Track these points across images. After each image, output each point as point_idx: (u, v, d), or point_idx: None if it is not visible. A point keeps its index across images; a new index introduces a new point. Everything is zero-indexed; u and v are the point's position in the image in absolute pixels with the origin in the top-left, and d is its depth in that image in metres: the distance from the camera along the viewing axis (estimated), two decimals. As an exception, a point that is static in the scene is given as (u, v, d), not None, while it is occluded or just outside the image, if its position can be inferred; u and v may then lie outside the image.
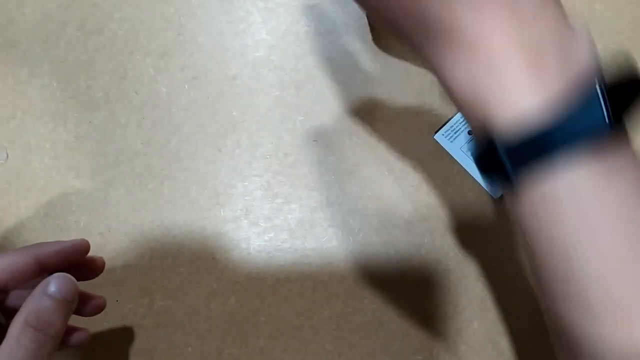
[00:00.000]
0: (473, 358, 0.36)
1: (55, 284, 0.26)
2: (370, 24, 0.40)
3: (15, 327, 0.25)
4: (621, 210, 0.20)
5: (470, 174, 0.39)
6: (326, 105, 0.40)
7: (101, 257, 0.32)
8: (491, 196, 0.38)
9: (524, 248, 0.22)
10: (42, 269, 0.28)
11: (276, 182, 0.38)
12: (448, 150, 0.39)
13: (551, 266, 0.21)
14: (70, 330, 0.30)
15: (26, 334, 0.24)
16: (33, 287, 0.27)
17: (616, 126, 0.19)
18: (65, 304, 0.26)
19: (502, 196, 0.38)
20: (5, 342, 0.24)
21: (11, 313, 0.27)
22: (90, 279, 0.31)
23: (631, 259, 0.20)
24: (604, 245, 0.20)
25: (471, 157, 0.38)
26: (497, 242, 0.38)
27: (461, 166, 0.39)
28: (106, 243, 0.37)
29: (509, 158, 0.20)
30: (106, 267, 0.32)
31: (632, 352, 0.19)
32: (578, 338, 0.21)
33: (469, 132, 0.39)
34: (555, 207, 0.20)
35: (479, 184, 0.38)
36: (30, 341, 0.24)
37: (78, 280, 0.28)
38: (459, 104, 0.21)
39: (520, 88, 0.20)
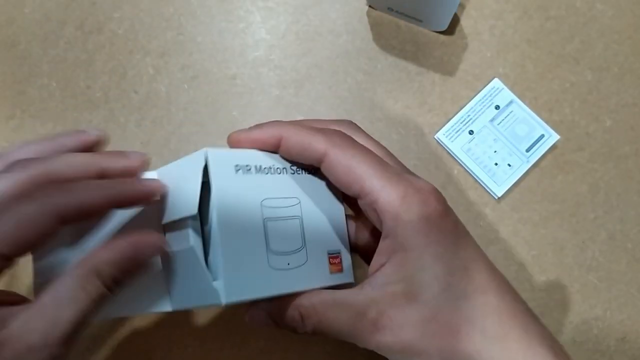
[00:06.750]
0: (473, 358, 0.36)
1: (145, 251, 0.23)
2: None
3: (82, 270, 0.21)
4: None
5: (470, 174, 0.39)
6: (326, 105, 0.40)
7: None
8: (491, 196, 0.38)
9: None
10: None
11: (276, 182, 0.38)
12: (448, 150, 0.39)
13: None
14: None
15: (93, 284, 0.21)
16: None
17: None
18: (145, 268, 0.23)
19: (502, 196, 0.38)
20: (66, 283, 0.21)
21: None
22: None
23: None
24: None
25: (472, 157, 0.38)
26: (498, 242, 0.38)
27: (462, 166, 0.39)
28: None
29: None
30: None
31: None
32: None
33: (470, 132, 0.39)
34: None
35: (480, 183, 0.38)
36: (97, 293, 0.21)
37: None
38: None
39: None
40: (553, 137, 0.39)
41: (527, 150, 0.39)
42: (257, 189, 0.24)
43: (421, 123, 0.39)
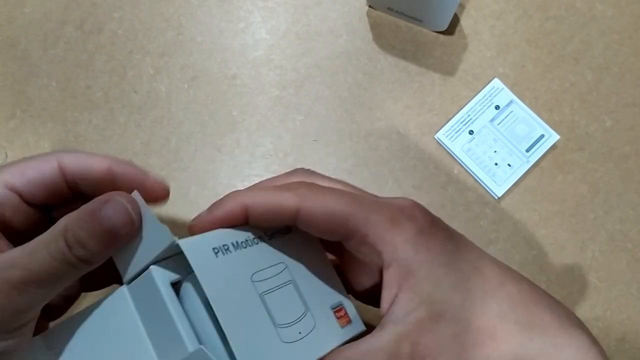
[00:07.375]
0: (473, 358, 0.36)
1: (108, 207, 0.21)
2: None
3: (56, 228, 0.21)
4: None
5: (470, 174, 0.39)
6: (326, 105, 0.40)
7: (163, 184, 0.25)
8: (492, 196, 0.38)
9: None
10: (70, 186, 0.24)
11: (276, 182, 0.38)
12: (448, 150, 0.39)
13: None
14: None
15: (57, 243, 0.20)
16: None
17: None
18: (109, 234, 0.21)
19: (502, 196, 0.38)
20: (39, 238, 0.21)
21: None
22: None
23: None
24: None
25: (472, 157, 0.38)
26: (498, 242, 0.38)
27: (462, 166, 0.39)
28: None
29: None
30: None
31: None
32: None
33: (470, 132, 0.39)
34: None
35: (480, 183, 0.38)
36: (57, 252, 0.20)
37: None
38: None
39: None
40: (553, 137, 0.39)
41: (527, 150, 0.39)
42: (243, 266, 0.22)
43: (421, 123, 0.39)
